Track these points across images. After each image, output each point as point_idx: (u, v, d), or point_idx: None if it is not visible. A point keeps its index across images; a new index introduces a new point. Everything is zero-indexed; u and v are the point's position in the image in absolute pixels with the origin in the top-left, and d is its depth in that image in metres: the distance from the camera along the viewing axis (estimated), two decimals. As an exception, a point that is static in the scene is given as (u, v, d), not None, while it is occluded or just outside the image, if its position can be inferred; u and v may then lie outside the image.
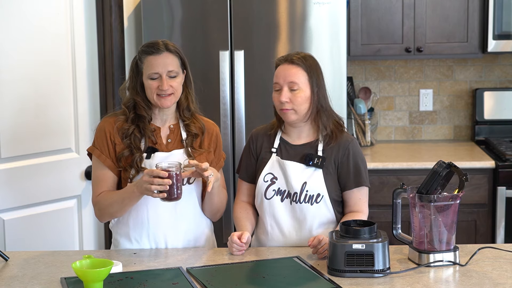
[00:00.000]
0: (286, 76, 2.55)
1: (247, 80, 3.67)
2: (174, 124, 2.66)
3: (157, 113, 2.63)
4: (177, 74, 2.57)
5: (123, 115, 2.61)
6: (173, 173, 2.41)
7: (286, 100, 2.53)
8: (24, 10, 3.31)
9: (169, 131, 2.64)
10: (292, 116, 2.56)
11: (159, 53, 2.55)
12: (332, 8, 3.64)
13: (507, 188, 3.83)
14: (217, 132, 2.73)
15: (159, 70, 2.54)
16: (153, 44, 2.58)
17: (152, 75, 2.55)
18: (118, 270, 2.31)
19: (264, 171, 2.63)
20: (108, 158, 2.58)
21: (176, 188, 2.43)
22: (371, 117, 4.45)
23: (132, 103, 2.61)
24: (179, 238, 2.63)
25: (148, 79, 2.56)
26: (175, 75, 2.56)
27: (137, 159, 2.55)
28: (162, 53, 2.55)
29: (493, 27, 4.02)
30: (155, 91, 2.55)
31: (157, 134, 2.62)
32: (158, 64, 2.54)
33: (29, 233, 3.40)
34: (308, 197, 2.57)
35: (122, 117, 2.61)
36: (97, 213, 2.63)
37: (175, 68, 2.56)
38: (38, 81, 3.38)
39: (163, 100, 2.55)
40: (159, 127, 2.63)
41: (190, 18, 3.69)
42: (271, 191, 2.61)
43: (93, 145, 2.63)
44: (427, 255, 2.34)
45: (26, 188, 3.37)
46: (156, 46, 2.57)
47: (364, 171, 2.62)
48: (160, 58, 2.55)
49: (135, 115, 2.59)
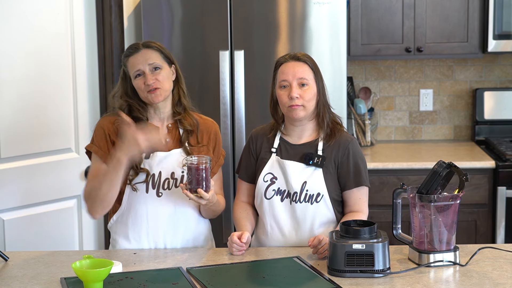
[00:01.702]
0: (296, 73, 2.56)
1: (247, 80, 3.67)
2: (172, 123, 2.66)
3: (153, 112, 2.64)
4: (160, 66, 2.58)
5: None
6: (202, 167, 2.42)
7: (297, 96, 2.54)
8: (24, 10, 3.31)
9: (167, 130, 2.65)
10: (301, 113, 2.56)
11: (138, 51, 2.59)
12: (332, 8, 3.64)
13: (507, 188, 3.83)
14: (216, 130, 2.73)
15: (140, 66, 2.57)
16: (132, 45, 2.65)
17: (136, 74, 2.57)
18: (118, 270, 2.31)
19: (264, 171, 2.62)
20: (106, 154, 2.58)
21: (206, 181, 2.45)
22: (371, 117, 4.45)
23: (126, 106, 2.61)
24: (178, 238, 2.63)
25: (134, 80, 2.58)
26: (157, 67, 2.58)
27: (136, 161, 2.55)
28: (141, 51, 2.60)
29: (493, 27, 4.02)
30: (144, 89, 2.56)
31: None
32: (138, 61, 2.57)
33: (29, 233, 3.40)
34: (308, 196, 2.57)
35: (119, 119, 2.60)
36: (88, 206, 2.55)
37: (156, 60, 2.58)
38: (38, 81, 3.38)
39: (153, 95, 2.56)
40: (158, 127, 2.63)
41: (190, 18, 3.69)
42: (271, 191, 2.61)
43: (92, 143, 2.63)
44: (427, 255, 2.34)
45: (26, 188, 3.37)
46: (135, 46, 2.62)
47: (364, 171, 2.62)
48: (139, 55, 2.59)
49: (132, 118, 2.59)
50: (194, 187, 2.45)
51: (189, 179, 2.45)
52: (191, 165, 2.44)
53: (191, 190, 2.45)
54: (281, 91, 2.58)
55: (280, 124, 2.67)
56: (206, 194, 2.45)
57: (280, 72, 2.59)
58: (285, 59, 2.61)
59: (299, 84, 2.55)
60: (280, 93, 2.58)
